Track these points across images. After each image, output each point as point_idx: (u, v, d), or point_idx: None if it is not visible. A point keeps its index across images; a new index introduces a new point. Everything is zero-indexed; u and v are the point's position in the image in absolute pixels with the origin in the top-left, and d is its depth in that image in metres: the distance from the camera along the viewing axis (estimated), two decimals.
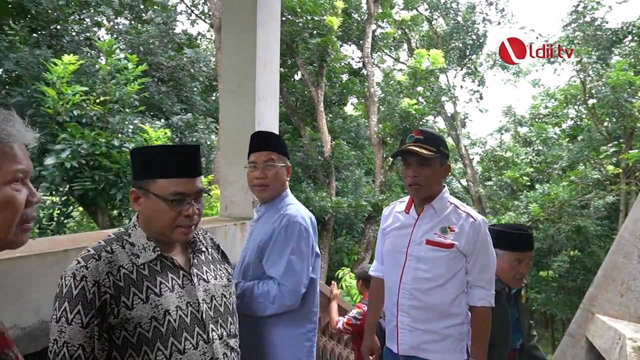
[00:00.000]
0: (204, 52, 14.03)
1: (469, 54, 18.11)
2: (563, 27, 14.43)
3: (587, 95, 13.60)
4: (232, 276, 1.90)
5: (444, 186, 2.03)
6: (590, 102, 13.88)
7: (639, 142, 12.82)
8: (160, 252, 1.28)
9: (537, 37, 14.10)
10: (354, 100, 18.33)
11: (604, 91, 12.59)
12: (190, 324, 1.26)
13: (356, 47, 16.50)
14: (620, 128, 13.05)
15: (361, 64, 16.26)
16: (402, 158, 2.00)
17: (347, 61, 16.26)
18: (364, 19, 15.33)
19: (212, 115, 11.88)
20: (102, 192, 5.61)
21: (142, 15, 13.38)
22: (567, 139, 16.27)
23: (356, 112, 18.87)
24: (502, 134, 20.31)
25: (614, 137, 13.33)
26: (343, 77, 16.32)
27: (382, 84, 16.50)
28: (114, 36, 11.57)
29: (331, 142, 13.99)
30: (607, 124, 13.94)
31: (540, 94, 17.99)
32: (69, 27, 9.83)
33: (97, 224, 6.23)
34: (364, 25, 15.15)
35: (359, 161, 15.52)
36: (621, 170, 12.61)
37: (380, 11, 15.98)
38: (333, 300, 3.56)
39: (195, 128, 10.48)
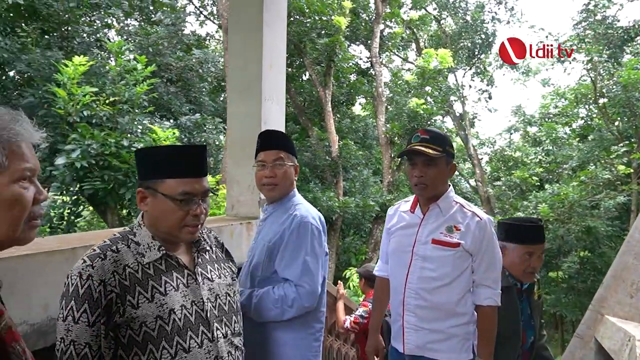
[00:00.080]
0: (212, 52, 14.09)
1: (477, 53, 18.00)
2: (573, 26, 14.29)
3: (598, 95, 13.44)
4: (241, 276, 1.91)
5: (449, 185, 2.03)
6: (601, 101, 13.71)
7: None
8: (165, 251, 1.28)
9: (547, 36, 13.95)
10: (362, 100, 18.30)
11: (615, 90, 12.44)
12: (195, 322, 1.26)
13: (364, 47, 16.48)
14: (632, 127, 12.90)
15: (369, 64, 16.23)
16: (407, 158, 1.99)
17: (355, 61, 16.23)
18: (372, 18, 15.30)
19: (221, 115, 11.91)
20: (112, 191, 5.67)
21: (152, 16, 13.47)
22: (578, 138, 16.09)
23: (364, 112, 18.84)
24: (511, 134, 20.15)
25: (625, 136, 13.17)
26: (351, 77, 16.30)
27: (390, 83, 16.46)
28: (123, 37, 11.68)
29: (339, 142, 13.97)
30: (618, 123, 13.78)
31: (550, 94, 17.80)
32: (80, 28, 9.93)
33: (106, 223, 6.29)
34: (372, 25, 15.12)
35: (367, 161, 15.49)
36: (632, 170, 12.44)
37: (389, 11, 15.94)
38: (339, 299, 3.57)
39: (204, 128, 10.52)
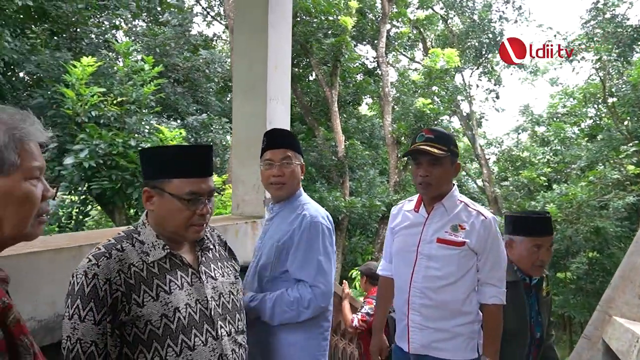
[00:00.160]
0: (219, 53, 14.14)
1: (485, 52, 17.89)
2: (582, 25, 14.12)
3: (607, 94, 13.30)
4: (247, 276, 1.91)
5: (453, 184, 2.03)
6: (610, 100, 13.57)
7: None
8: (169, 250, 1.29)
9: (555, 35, 13.81)
10: (368, 100, 18.26)
11: (624, 89, 12.31)
12: (199, 321, 1.27)
13: (371, 47, 16.46)
14: None
15: (375, 64, 16.19)
16: (412, 157, 1.99)
17: (361, 61, 16.21)
18: (379, 18, 15.26)
19: (227, 115, 11.94)
20: (119, 191, 5.70)
21: (159, 17, 13.56)
22: (586, 138, 15.92)
23: (370, 112, 18.80)
24: (519, 134, 19.99)
25: (634, 136, 12.99)
26: (357, 77, 16.28)
27: (396, 83, 16.42)
28: (131, 38, 11.74)
29: (345, 142, 13.97)
30: (627, 123, 13.61)
31: (559, 93, 17.64)
32: (88, 30, 10.02)
33: (114, 222, 6.33)
34: (378, 25, 15.09)
35: (373, 161, 15.46)
36: None
37: (395, 10, 15.90)
38: (345, 299, 3.58)
39: (210, 128, 10.56)
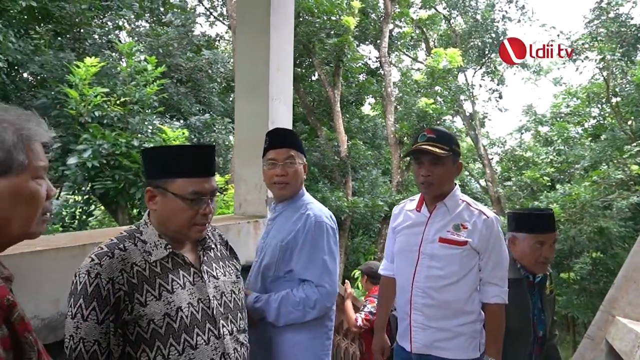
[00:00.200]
0: (222, 53, 14.15)
1: (488, 52, 17.84)
2: (586, 24, 14.07)
3: (611, 94, 13.24)
4: (250, 276, 1.91)
5: (455, 184, 2.03)
6: (614, 100, 13.50)
7: None
8: (171, 249, 1.30)
9: (559, 35, 13.76)
10: (371, 100, 18.26)
11: (628, 89, 12.26)
12: (201, 320, 1.27)
13: (373, 47, 16.45)
14: None
15: (378, 64, 16.19)
16: (414, 157, 1.99)
17: (364, 61, 16.20)
18: (381, 18, 15.26)
19: (230, 115, 11.94)
20: (122, 191, 5.72)
21: (162, 18, 13.59)
22: (590, 138, 15.84)
23: (373, 112, 18.79)
24: (522, 134, 19.89)
25: (638, 136, 12.92)
26: (360, 77, 16.28)
27: (399, 83, 16.40)
28: (134, 39, 11.79)
29: (348, 142, 13.97)
30: (631, 122, 13.54)
31: (562, 93, 17.56)
32: (91, 30, 10.05)
33: (117, 222, 6.35)
34: (381, 25, 15.09)
35: (376, 161, 15.45)
36: None
37: (398, 10, 15.89)
38: (347, 298, 3.57)
39: (213, 128, 10.58)
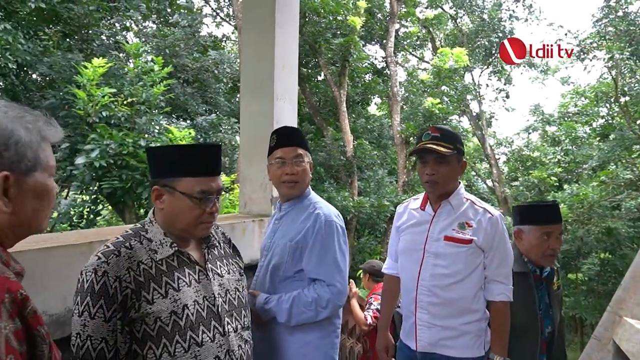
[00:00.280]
0: (228, 53, 14.19)
1: (494, 52, 17.71)
2: (594, 23, 13.95)
3: (619, 93, 13.12)
4: (258, 276, 1.92)
5: (459, 182, 2.03)
6: (623, 99, 13.38)
7: None
8: (177, 247, 1.31)
9: (566, 34, 13.65)
10: (377, 100, 18.22)
11: (637, 88, 12.16)
12: (206, 317, 1.29)
13: (379, 47, 16.42)
14: None
15: (384, 64, 16.14)
16: (418, 156, 1.99)
17: (370, 61, 16.16)
18: (387, 18, 15.22)
19: (236, 115, 11.97)
20: (130, 190, 5.76)
21: (169, 18, 13.68)
22: (598, 138, 15.71)
23: (379, 111, 18.76)
24: (529, 134, 19.75)
25: None
26: (366, 77, 16.25)
27: (405, 83, 16.36)
28: (141, 39, 11.85)
29: (354, 142, 13.95)
30: None
31: (570, 92, 17.44)
32: (99, 31, 10.15)
33: (124, 221, 6.39)
34: (387, 25, 15.05)
35: (382, 161, 15.42)
36: None
37: (404, 10, 15.84)
38: (353, 298, 3.57)
39: (219, 128, 10.61)
